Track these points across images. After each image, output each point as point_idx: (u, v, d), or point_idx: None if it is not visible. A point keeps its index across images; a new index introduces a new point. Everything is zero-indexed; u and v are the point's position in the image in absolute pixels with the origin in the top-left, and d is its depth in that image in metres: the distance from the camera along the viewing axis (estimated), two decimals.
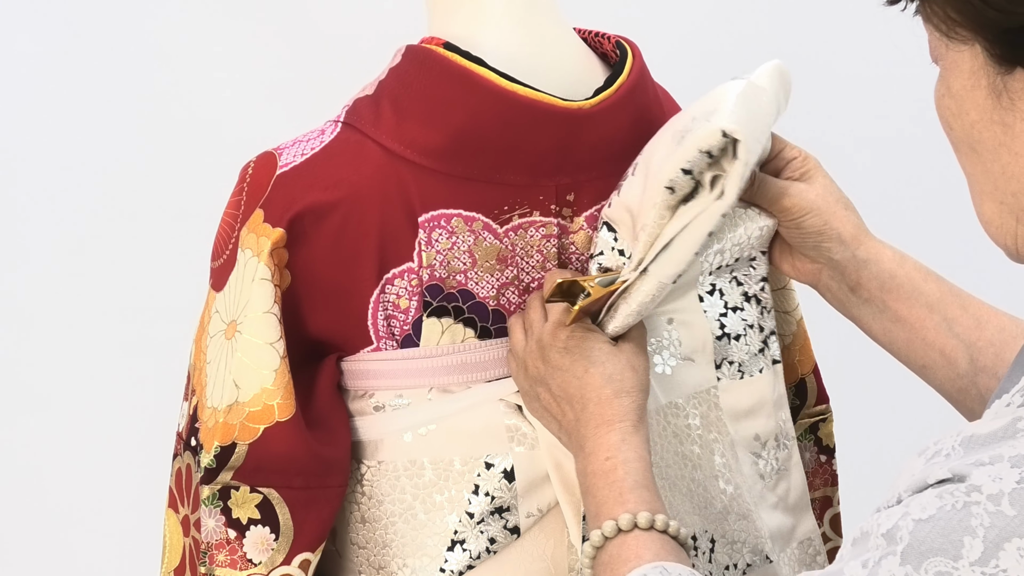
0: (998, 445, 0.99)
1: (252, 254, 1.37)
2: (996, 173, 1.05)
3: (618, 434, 1.32)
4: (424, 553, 1.40)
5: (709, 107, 1.33)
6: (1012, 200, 1.04)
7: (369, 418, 1.41)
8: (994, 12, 0.99)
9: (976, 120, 1.05)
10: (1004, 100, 1.03)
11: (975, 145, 1.05)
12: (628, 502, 1.28)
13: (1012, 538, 0.95)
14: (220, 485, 1.38)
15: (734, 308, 1.49)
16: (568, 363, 1.34)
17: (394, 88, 1.40)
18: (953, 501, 0.97)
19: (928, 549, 0.96)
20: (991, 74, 1.03)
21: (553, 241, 1.41)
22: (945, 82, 1.06)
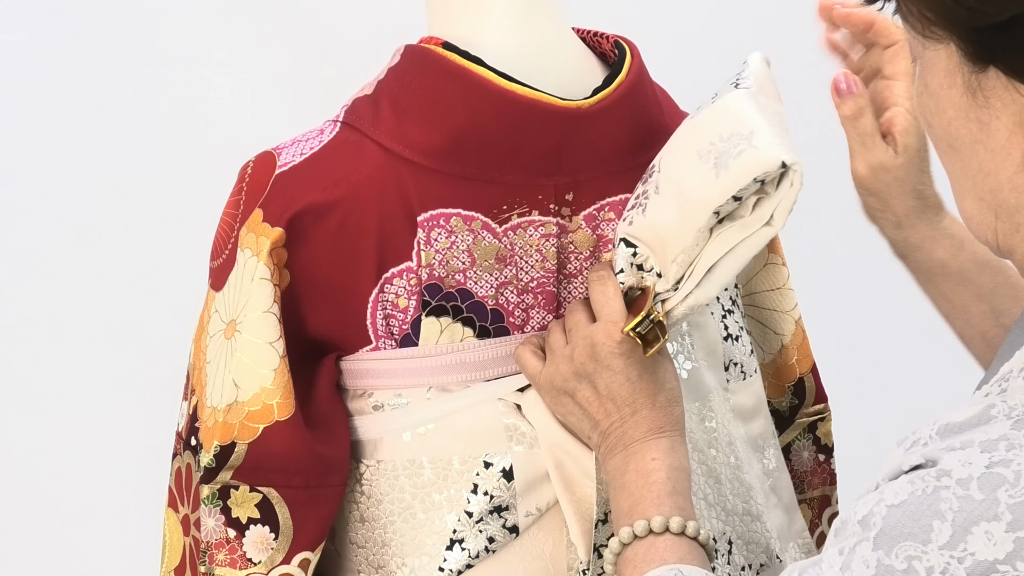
0: (971, 432, 0.99)
1: (251, 253, 1.38)
2: (974, 170, 1.05)
3: (668, 441, 1.33)
4: (423, 552, 1.40)
5: (735, 126, 1.33)
6: (990, 196, 1.05)
7: (368, 417, 1.41)
8: (965, 11, 1.00)
9: (953, 117, 1.05)
10: (979, 98, 1.03)
11: (953, 142, 1.06)
12: (664, 505, 1.30)
13: (980, 522, 0.95)
14: (220, 484, 1.38)
15: (728, 311, 1.50)
16: (621, 365, 1.34)
17: (393, 88, 1.40)
18: (923, 486, 0.97)
19: (899, 534, 0.97)
20: (966, 72, 1.03)
21: (552, 240, 1.41)
22: (923, 80, 1.07)
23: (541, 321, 1.42)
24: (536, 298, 1.41)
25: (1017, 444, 0.97)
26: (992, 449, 0.97)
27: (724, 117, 1.34)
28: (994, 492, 0.96)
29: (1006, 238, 1.06)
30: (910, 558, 0.96)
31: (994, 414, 1.00)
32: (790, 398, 1.61)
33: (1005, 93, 1.02)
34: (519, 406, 1.40)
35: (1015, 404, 1.00)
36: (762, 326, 1.59)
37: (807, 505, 1.62)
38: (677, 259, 1.34)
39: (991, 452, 0.97)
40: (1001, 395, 1.02)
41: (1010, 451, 0.97)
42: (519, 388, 1.41)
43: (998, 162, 1.04)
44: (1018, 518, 0.95)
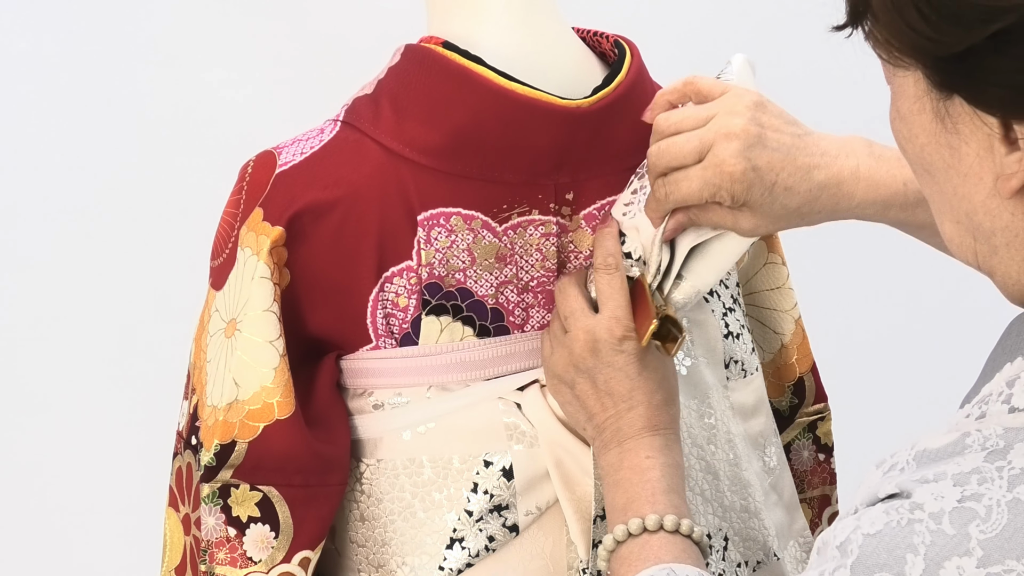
0: (945, 462, 0.99)
1: (251, 252, 1.38)
2: (949, 193, 1.05)
3: (662, 439, 1.34)
4: (423, 551, 1.40)
5: None
6: (966, 219, 1.05)
7: (368, 416, 1.41)
8: (924, 40, 1.00)
9: (925, 143, 1.05)
10: (948, 124, 1.03)
11: (927, 167, 1.06)
12: (659, 503, 1.30)
13: (952, 556, 0.95)
14: (220, 483, 1.38)
15: (730, 309, 1.50)
16: (622, 362, 1.35)
17: (393, 87, 1.40)
18: (898, 517, 0.97)
19: (874, 564, 0.97)
20: (934, 99, 1.03)
21: (552, 240, 1.41)
22: (895, 106, 1.07)
23: (541, 320, 1.42)
24: (536, 297, 1.41)
25: (989, 477, 0.97)
26: (964, 483, 0.97)
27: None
28: (965, 527, 0.96)
29: (985, 260, 1.06)
30: None
31: (969, 443, 1.00)
32: (790, 397, 1.61)
33: (971, 120, 1.01)
34: (519, 405, 1.40)
35: (989, 434, 1.00)
36: (762, 325, 1.59)
37: (807, 504, 1.62)
38: (656, 238, 1.35)
39: (963, 486, 0.97)
40: (979, 421, 1.02)
41: (982, 485, 0.97)
42: (519, 387, 1.41)
43: (970, 187, 1.03)
44: (989, 554, 0.95)
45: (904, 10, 1.00)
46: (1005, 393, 1.02)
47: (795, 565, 1.53)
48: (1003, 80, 0.97)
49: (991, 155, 1.01)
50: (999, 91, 0.98)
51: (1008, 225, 1.03)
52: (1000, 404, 1.02)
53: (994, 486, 0.97)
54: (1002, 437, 0.99)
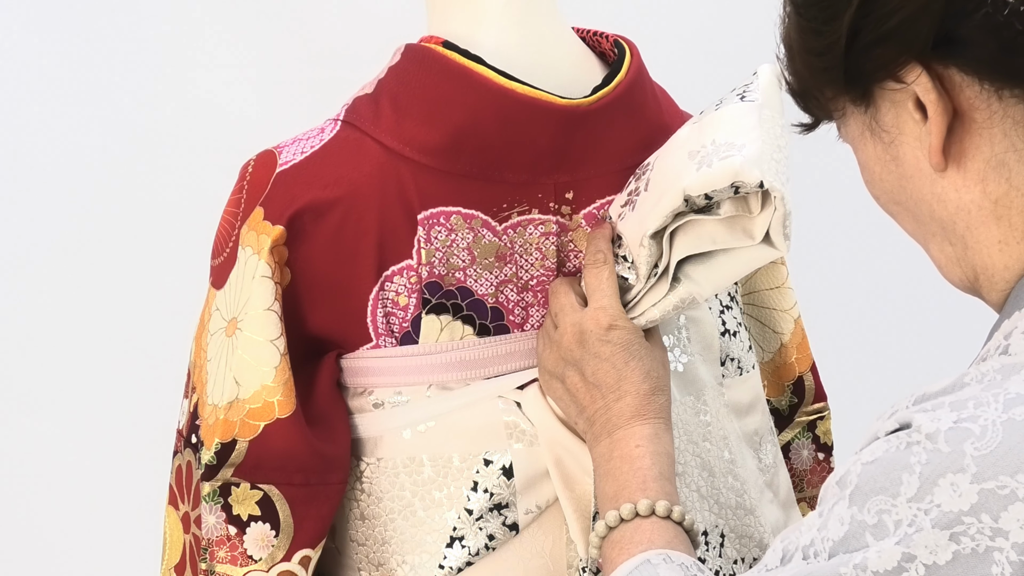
0: (944, 396, 1.01)
1: (252, 252, 1.38)
2: (915, 209, 1.08)
3: (651, 427, 1.34)
4: (423, 550, 1.40)
5: (732, 135, 1.34)
6: (935, 224, 1.08)
7: (368, 415, 1.41)
8: (825, 58, 1.06)
9: (880, 172, 1.09)
10: (884, 136, 1.07)
11: (894, 198, 1.09)
12: (650, 489, 1.31)
13: (946, 473, 0.97)
14: (221, 482, 1.38)
15: (726, 307, 1.50)
16: (608, 352, 1.35)
17: (393, 86, 1.40)
18: (897, 443, 0.99)
19: (871, 489, 0.98)
20: (867, 121, 1.08)
21: (552, 239, 1.41)
22: (859, 162, 1.11)
23: (541, 319, 1.42)
24: (536, 296, 1.41)
25: (984, 402, 0.99)
26: (961, 408, 0.99)
27: (724, 126, 1.35)
28: (960, 445, 0.97)
29: (967, 263, 1.08)
30: (880, 512, 0.98)
31: (966, 381, 1.02)
32: (789, 397, 1.61)
33: (895, 116, 1.06)
34: (519, 404, 1.41)
35: (986, 371, 1.02)
36: (761, 325, 1.60)
37: (807, 503, 1.62)
38: (643, 241, 1.35)
39: (960, 410, 0.99)
40: (976, 366, 1.04)
41: (978, 408, 0.98)
42: (519, 386, 1.41)
43: (918, 184, 1.07)
44: (983, 470, 0.96)
45: (806, 40, 1.08)
46: (1002, 345, 1.05)
47: None
48: (874, 38, 1.03)
49: (920, 142, 1.05)
50: (878, 50, 1.03)
51: (959, 205, 1.06)
52: (998, 355, 1.04)
53: (990, 408, 0.98)
54: (999, 372, 1.01)
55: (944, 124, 1.04)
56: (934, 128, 1.04)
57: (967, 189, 1.06)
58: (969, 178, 1.05)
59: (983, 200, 1.06)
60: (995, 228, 1.06)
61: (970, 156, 1.05)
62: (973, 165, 1.05)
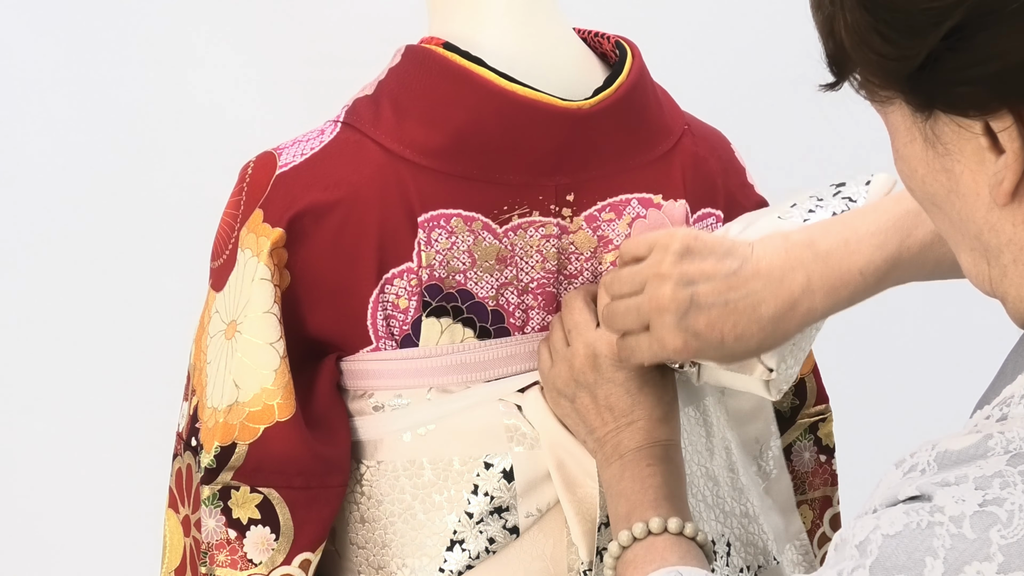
0: (967, 465, 0.99)
1: (252, 254, 1.38)
2: (956, 220, 1.05)
3: (662, 449, 1.35)
4: (423, 553, 1.40)
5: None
6: (976, 243, 1.05)
7: (368, 418, 1.41)
8: (889, 61, 1.01)
9: (924, 174, 1.05)
10: (938, 147, 1.03)
11: (933, 199, 1.06)
12: (662, 507, 1.31)
13: (972, 561, 0.95)
14: (220, 485, 1.38)
15: None
16: (623, 378, 1.35)
17: (394, 88, 1.40)
18: (918, 519, 0.97)
19: (893, 566, 0.97)
20: (920, 125, 1.04)
21: (553, 241, 1.41)
22: (893, 146, 1.07)
23: (541, 322, 1.42)
24: (536, 299, 1.41)
25: (1011, 482, 0.97)
26: (987, 487, 0.97)
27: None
28: (986, 532, 0.95)
29: (999, 284, 1.06)
30: None
31: (991, 446, 0.99)
32: (791, 399, 1.61)
33: (957, 135, 1.02)
34: (520, 407, 1.40)
35: (1012, 437, 0.99)
36: None
37: (808, 506, 1.62)
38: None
39: (985, 489, 0.97)
40: (1000, 423, 1.01)
41: (1004, 489, 0.96)
42: (519, 389, 1.41)
43: (971, 205, 1.04)
44: (1010, 559, 0.95)
45: (869, 40, 1.01)
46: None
47: (792, 568, 1.53)
48: (966, 77, 0.98)
49: (982, 167, 1.02)
50: (966, 90, 0.99)
51: (1012, 239, 1.03)
52: (1023, 407, 1.01)
53: (1016, 490, 0.96)
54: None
55: (1022, 163, 1.00)
56: (1009, 166, 1.00)
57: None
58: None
59: None
60: None
61: None
62: None
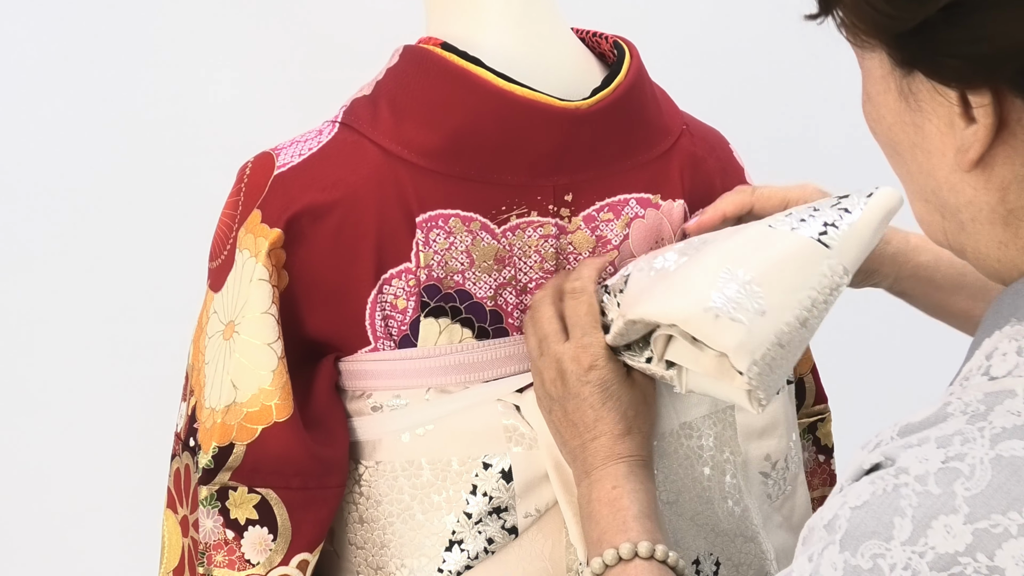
0: (928, 430, 1.02)
1: (250, 255, 1.38)
2: (916, 172, 1.09)
3: (626, 466, 1.34)
4: (422, 553, 1.40)
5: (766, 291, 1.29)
6: (933, 197, 1.08)
7: (367, 418, 1.41)
8: (884, 18, 1.04)
9: (892, 123, 1.09)
10: (911, 102, 1.06)
11: (895, 147, 1.09)
12: (631, 530, 1.31)
13: (939, 515, 0.97)
14: (218, 486, 1.38)
15: None
16: (587, 393, 1.35)
17: (391, 88, 1.40)
18: (884, 485, 0.99)
19: (863, 533, 0.98)
20: (897, 78, 1.07)
21: (551, 241, 1.41)
22: (865, 89, 1.10)
23: None
24: None
25: (971, 438, 0.99)
26: (947, 444, 0.99)
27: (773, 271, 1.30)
28: (951, 486, 0.98)
29: (955, 237, 1.09)
30: (875, 556, 0.98)
31: (950, 411, 1.02)
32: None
33: (932, 96, 1.05)
34: (518, 407, 1.40)
35: (969, 400, 1.02)
36: None
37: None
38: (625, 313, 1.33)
39: (946, 447, 0.99)
40: (959, 393, 1.04)
41: (964, 445, 0.99)
42: (518, 389, 1.41)
43: (935, 163, 1.07)
44: (975, 509, 0.97)
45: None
46: (984, 365, 1.05)
47: None
48: (955, 51, 1.01)
49: (952, 130, 1.05)
50: (953, 62, 1.02)
51: (971, 200, 1.06)
52: (980, 376, 1.04)
53: (976, 445, 0.99)
54: (982, 402, 1.02)
55: (991, 138, 1.03)
56: (978, 138, 1.04)
57: (986, 192, 1.06)
58: (992, 183, 1.06)
59: (998, 205, 1.06)
60: (1001, 230, 1.07)
61: (999, 163, 1.05)
62: (1000, 172, 1.05)
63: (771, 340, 1.27)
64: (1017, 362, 1.04)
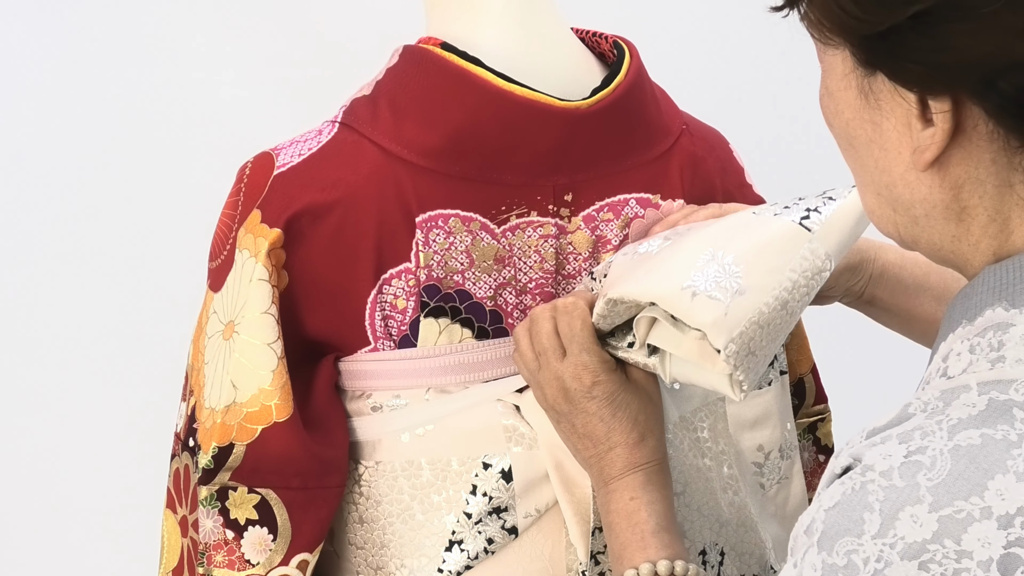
0: (891, 428, 1.05)
1: (249, 255, 1.37)
2: (871, 167, 1.12)
3: (644, 475, 1.35)
4: (422, 553, 1.40)
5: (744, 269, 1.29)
6: (887, 191, 1.11)
7: (367, 418, 1.41)
8: (851, 19, 1.06)
9: (850, 118, 1.11)
10: (871, 100, 1.09)
11: (852, 141, 1.12)
12: (650, 547, 1.32)
13: (905, 507, 1.00)
14: (218, 486, 1.38)
15: None
16: (595, 408, 1.35)
17: (391, 88, 1.40)
18: (852, 484, 1.02)
19: (836, 532, 1.01)
20: (859, 76, 1.09)
21: (551, 241, 1.41)
22: (824, 83, 1.13)
23: None
24: (535, 299, 1.41)
25: (930, 431, 1.02)
26: (908, 439, 1.03)
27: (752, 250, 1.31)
28: (914, 478, 1.01)
29: (907, 230, 1.12)
30: (848, 552, 1.01)
31: (911, 411, 1.06)
32: (791, 399, 1.60)
33: (892, 96, 1.08)
34: (518, 407, 1.40)
35: (928, 399, 1.06)
36: None
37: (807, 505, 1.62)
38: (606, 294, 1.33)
39: (908, 442, 1.02)
40: (918, 393, 1.08)
41: (924, 438, 1.02)
42: (518, 389, 1.41)
43: (890, 160, 1.10)
44: (938, 498, 1.00)
45: None
46: (941, 367, 1.09)
47: None
48: (920, 58, 1.04)
49: (908, 130, 1.08)
50: (916, 68, 1.05)
51: (926, 197, 1.09)
52: (939, 378, 1.08)
53: (935, 437, 1.02)
54: (940, 399, 1.05)
55: (947, 141, 1.06)
56: (935, 141, 1.07)
57: (940, 190, 1.09)
58: (946, 182, 1.08)
59: (952, 203, 1.09)
60: (954, 226, 1.10)
61: (954, 164, 1.08)
62: (954, 172, 1.08)
63: (749, 318, 1.27)
64: (970, 359, 1.07)
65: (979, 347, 1.07)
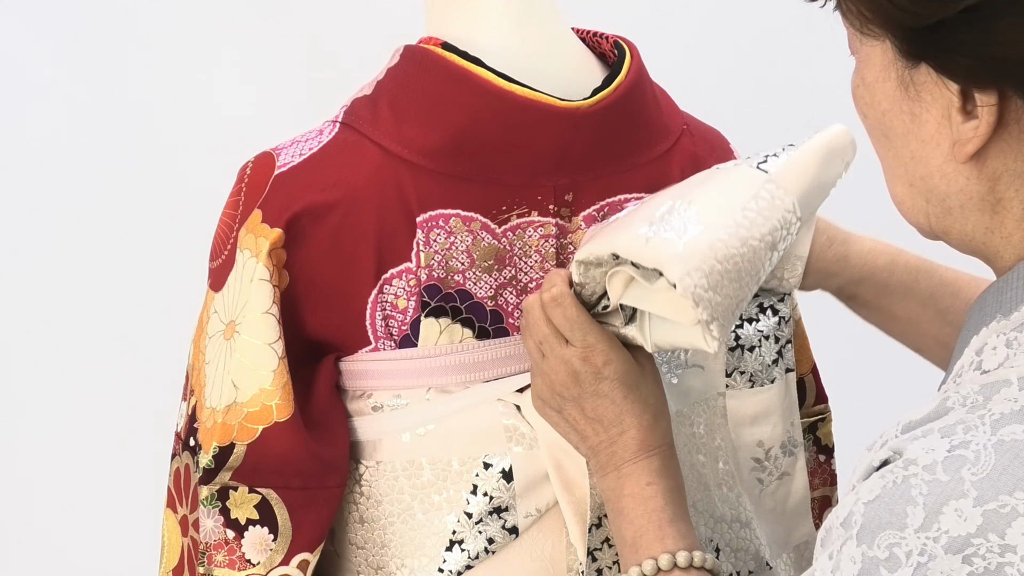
0: (931, 423, 1.06)
1: (250, 254, 1.37)
2: (906, 158, 1.13)
3: (659, 460, 1.34)
4: (422, 553, 1.40)
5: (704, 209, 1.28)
6: (921, 183, 1.13)
7: (367, 418, 1.41)
8: (900, 12, 1.08)
9: (887, 109, 1.13)
10: (911, 92, 1.11)
11: (887, 132, 1.14)
12: (667, 537, 1.31)
13: (949, 501, 1.01)
14: (219, 485, 1.38)
15: (748, 320, 1.49)
16: (607, 388, 1.34)
17: (392, 88, 1.40)
18: (893, 477, 1.03)
19: (877, 525, 1.02)
20: (900, 68, 1.11)
21: (551, 241, 1.41)
22: (860, 74, 1.15)
23: None
24: None
25: (973, 426, 1.04)
26: (951, 434, 1.04)
27: (712, 194, 1.30)
28: (958, 472, 1.02)
29: (939, 220, 1.13)
30: (890, 546, 1.02)
31: (950, 405, 1.07)
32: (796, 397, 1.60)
33: (935, 88, 1.09)
34: (519, 407, 1.40)
35: (967, 393, 1.07)
36: None
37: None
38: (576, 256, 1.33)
39: (950, 436, 1.03)
40: (956, 388, 1.09)
41: (967, 433, 1.03)
42: (518, 389, 1.41)
43: (928, 151, 1.11)
44: (983, 492, 1.01)
45: None
46: (975, 361, 1.10)
47: (791, 572, 1.52)
48: (969, 50, 1.06)
49: (949, 123, 1.09)
50: (964, 60, 1.06)
51: (963, 188, 1.10)
52: (973, 371, 1.09)
53: (979, 432, 1.03)
54: (980, 393, 1.06)
55: (990, 134, 1.08)
56: (979, 134, 1.08)
57: (978, 182, 1.10)
58: (984, 174, 1.10)
59: (989, 195, 1.11)
60: (988, 217, 1.12)
61: (993, 156, 1.09)
62: (993, 164, 1.10)
63: (704, 251, 1.25)
64: (1007, 354, 1.08)
65: (1016, 341, 1.08)
